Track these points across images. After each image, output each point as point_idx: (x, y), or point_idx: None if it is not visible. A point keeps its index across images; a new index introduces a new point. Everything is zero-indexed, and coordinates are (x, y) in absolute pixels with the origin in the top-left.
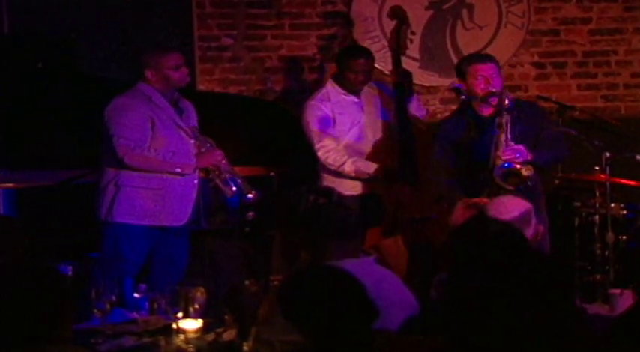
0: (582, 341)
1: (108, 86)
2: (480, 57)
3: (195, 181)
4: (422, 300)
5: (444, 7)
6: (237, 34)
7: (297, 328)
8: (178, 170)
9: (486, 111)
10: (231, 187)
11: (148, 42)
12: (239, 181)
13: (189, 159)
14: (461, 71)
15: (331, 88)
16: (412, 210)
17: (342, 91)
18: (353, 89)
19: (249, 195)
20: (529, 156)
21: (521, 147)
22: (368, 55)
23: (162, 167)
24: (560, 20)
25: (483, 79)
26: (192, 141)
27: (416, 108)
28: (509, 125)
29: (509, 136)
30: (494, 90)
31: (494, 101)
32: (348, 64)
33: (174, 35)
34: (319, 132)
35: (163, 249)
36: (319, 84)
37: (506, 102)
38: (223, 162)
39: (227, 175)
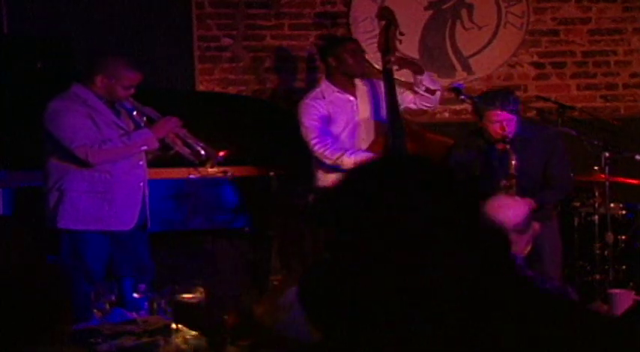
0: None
1: None
2: (499, 103)
3: (141, 183)
4: None
5: (444, 6)
6: (236, 34)
7: (313, 319)
8: (144, 148)
9: (498, 146)
10: (199, 150)
11: (148, 42)
12: (202, 144)
13: (146, 134)
14: (479, 111)
15: (325, 86)
16: None
17: (337, 89)
18: (354, 74)
19: (220, 154)
20: (533, 205)
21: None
22: (350, 38)
23: (127, 151)
24: (559, 20)
25: (499, 124)
26: None
27: (430, 82)
28: (514, 188)
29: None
30: (507, 137)
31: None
32: (343, 50)
33: (173, 35)
34: (314, 129)
35: (124, 255)
36: (315, 83)
37: (513, 163)
38: (181, 128)
39: (189, 140)
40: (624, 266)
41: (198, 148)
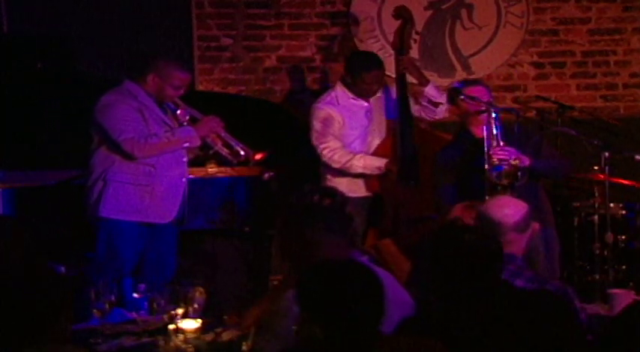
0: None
1: (107, 86)
2: (469, 81)
3: (184, 179)
4: (421, 300)
5: (444, 6)
6: (236, 34)
7: (313, 318)
8: (187, 145)
9: (482, 133)
10: (239, 151)
11: (148, 42)
12: (242, 145)
13: (189, 131)
14: (453, 98)
15: (340, 91)
16: (413, 210)
17: (351, 95)
18: (368, 97)
19: (258, 156)
20: (526, 162)
21: (512, 149)
22: (380, 64)
23: (170, 147)
24: (559, 20)
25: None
26: None
27: (435, 94)
28: (499, 132)
29: (500, 142)
30: (483, 107)
31: (484, 118)
32: (362, 77)
33: (173, 35)
34: (324, 134)
35: (153, 248)
36: (319, 84)
37: (493, 114)
38: (222, 127)
39: (230, 141)
40: (624, 267)
41: (238, 149)
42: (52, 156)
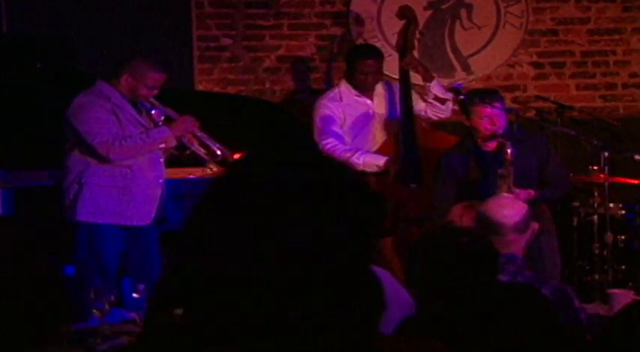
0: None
1: None
2: (487, 98)
3: (161, 180)
4: (421, 300)
5: (443, 6)
6: (236, 34)
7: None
8: (162, 146)
9: (489, 146)
10: (215, 151)
11: (148, 42)
12: (219, 145)
13: (164, 132)
14: (467, 110)
15: (344, 88)
16: (413, 210)
17: (355, 92)
18: (363, 90)
19: (236, 156)
20: (531, 196)
21: (520, 194)
22: (377, 55)
23: (145, 149)
24: (558, 20)
25: (488, 120)
26: None
27: (440, 90)
28: (511, 176)
29: (512, 186)
30: (498, 132)
31: (496, 141)
32: (357, 65)
33: (173, 35)
34: (325, 131)
35: (134, 250)
36: (319, 84)
37: (509, 151)
38: (197, 126)
39: (206, 141)
40: (623, 266)
41: (215, 149)
42: (52, 156)
